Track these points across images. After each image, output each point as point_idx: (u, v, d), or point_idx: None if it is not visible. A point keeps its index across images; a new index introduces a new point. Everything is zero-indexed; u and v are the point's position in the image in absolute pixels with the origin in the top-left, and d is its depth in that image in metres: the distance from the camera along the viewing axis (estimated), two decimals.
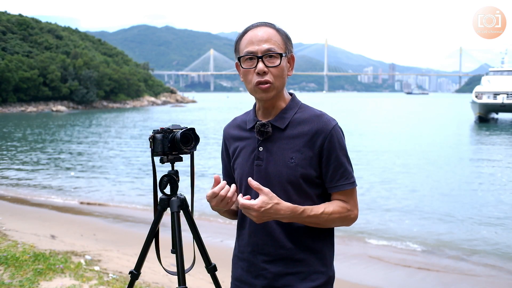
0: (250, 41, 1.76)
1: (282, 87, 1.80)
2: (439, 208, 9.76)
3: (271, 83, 1.74)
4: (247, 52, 1.75)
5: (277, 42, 1.75)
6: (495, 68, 40.85)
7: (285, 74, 1.78)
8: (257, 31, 1.77)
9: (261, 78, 1.74)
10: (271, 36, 1.75)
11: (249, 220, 1.82)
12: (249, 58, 1.75)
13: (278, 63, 1.74)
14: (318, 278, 1.77)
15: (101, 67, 71.27)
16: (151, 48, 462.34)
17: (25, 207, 9.66)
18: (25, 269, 4.65)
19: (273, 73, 1.74)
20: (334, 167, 1.75)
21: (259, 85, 1.75)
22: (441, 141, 23.37)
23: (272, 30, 1.77)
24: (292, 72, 1.84)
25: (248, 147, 1.84)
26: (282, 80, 1.77)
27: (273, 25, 1.80)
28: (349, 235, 7.58)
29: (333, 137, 1.74)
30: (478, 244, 7.49)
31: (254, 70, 1.75)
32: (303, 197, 1.75)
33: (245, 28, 1.82)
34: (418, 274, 6.15)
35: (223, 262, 2.72)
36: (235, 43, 1.83)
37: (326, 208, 1.73)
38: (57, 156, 18.21)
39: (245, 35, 1.79)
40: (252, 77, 1.76)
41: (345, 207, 1.76)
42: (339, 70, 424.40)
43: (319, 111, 1.82)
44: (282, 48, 1.76)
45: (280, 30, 1.79)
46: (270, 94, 1.76)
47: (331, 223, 1.77)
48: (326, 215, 1.72)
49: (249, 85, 1.78)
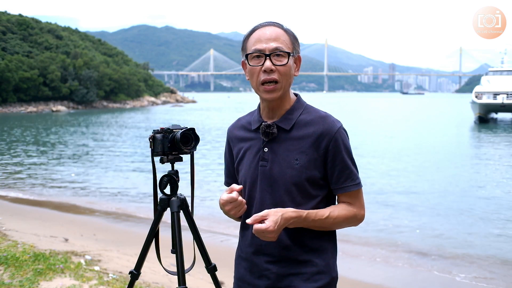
0: (258, 39, 1.76)
1: (288, 87, 1.80)
2: (439, 208, 9.75)
3: (277, 81, 1.74)
4: (255, 49, 1.75)
5: (285, 41, 1.76)
6: (494, 68, 40.80)
7: (291, 73, 1.79)
8: (265, 30, 1.77)
9: (268, 76, 1.74)
10: (279, 35, 1.76)
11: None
12: (257, 56, 1.75)
13: (286, 61, 1.75)
14: (322, 279, 1.78)
15: (101, 67, 71.24)
16: (151, 48, 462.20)
17: (25, 207, 9.65)
18: (25, 269, 4.65)
19: (280, 72, 1.74)
20: (340, 168, 1.76)
21: (264, 86, 1.75)
22: (441, 141, 23.36)
23: (280, 30, 1.78)
24: (298, 73, 1.85)
25: (252, 148, 1.84)
26: (289, 79, 1.78)
27: (281, 25, 1.81)
28: (350, 234, 7.57)
29: (339, 139, 1.75)
30: (478, 244, 7.48)
31: (261, 68, 1.75)
32: (307, 198, 1.76)
33: (253, 26, 1.82)
34: (419, 274, 6.15)
35: (223, 262, 2.72)
36: (243, 41, 1.83)
37: (332, 212, 1.74)
38: (57, 156, 18.21)
39: (253, 33, 1.79)
40: (259, 76, 1.76)
41: (351, 210, 1.78)
42: (339, 70, 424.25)
43: (324, 113, 1.82)
44: (290, 47, 1.77)
45: (288, 30, 1.80)
46: (276, 95, 1.76)
47: (338, 226, 1.79)
48: (331, 219, 1.74)
49: (255, 83, 1.78)
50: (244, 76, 1.85)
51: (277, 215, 1.66)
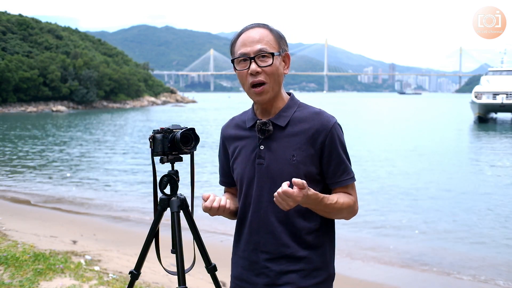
0: (243, 43, 1.78)
1: (278, 87, 1.81)
2: (438, 208, 9.75)
3: (265, 82, 1.75)
4: (240, 53, 1.77)
5: (269, 42, 1.77)
6: (494, 68, 40.80)
7: (280, 73, 1.79)
8: (249, 32, 1.79)
9: (255, 78, 1.75)
10: (263, 36, 1.77)
11: (250, 219, 1.84)
12: (243, 59, 1.77)
13: (271, 62, 1.75)
14: (320, 275, 1.80)
15: (101, 67, 71.22)
16: (151, 48, 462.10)
17: (25, 207, 9.65)
18: (25, 269, 4.65)
19: (267, 72, 1.75)
20: (336, 163, 1.78)
21: (253, 88, 1.77)
22: (440, 141, 23.36)
23: (265, 30, 1.79)
24: (288, 71, 1.85)
25: (248, 146, 1.85)
26: (277, 79, 1.78)
27: (266, 25, 1.81)
28: (348, 234, 7.57)
29: (334, 134, 1.77)
30: (479, 244, 7.48)
31: (247, 72, 1.76)
32: None
33: (239, 30, 1.83)
34: (419, 275, 6.15)
35: (223, 262, 2.72)
36: (230, 46, 1.85)
37: (339, 199, 1.77)
38: (57, 156, 18.20)
39: (239, 37, 1.81)
40: (247, 79, 1.77)
41: (351, 198, 1.81)
42: (339, 70, 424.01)
43: (318, 109, 1.84)
44: (275, 47, 1.78)
45: (273, 30, 1.81)
46: (265, 97, 1.78)
47: (339, 214, 1.80)
48: (339, 205, 1.76)
49: (245, 86, 1.80)
50: None
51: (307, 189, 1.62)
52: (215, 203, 1.77)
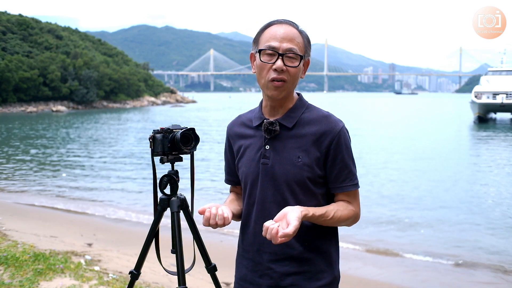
0: (273, 36, 1.74)
1: (293, 89, 1.80)
2: (441, 208, 9.76)
3: (286, 81, 1.74)
4: (269, 46, 1.73)
5: (299, 43, 1.75)
6: (494, 68, 40.81)
7: (299, 76, 1.79)
8: (281, 27, 1.75)
9: (278, 75, 1.72)
10: (294, 37, 1.74)
11: (254, 220, 1.82)
12: (271, 53, 1.74)
13: (297, 64, 1.74)
14: (324, 278, 1.78)
15: (101, 67, 71.23)
16: (151, 48, 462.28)
17: (25, 207, 9.66)
18: (25, 269, 4.65)
19: (290, 73, 1.74)
20: (340, 168, 1.76)
21: (273, 83, 1.73)
22: (440, 141, 23.36)
23: (296, 31, 1.76)
24: (304, 76, 1.84)
25: (254, 145, 1.83)
26: (295, 81, 1.78)
27: (297, 25, 1.78)
28: (352, 234, 7.57)
29: (341, 138, 1.76)
30: (479, 244, 7.48)
31: (271, 66, 1.73)
32: (309, 196, 1.76)
33: (269, 21, 1.80)
34: (420, 275, 6.15)
35: (223, 262, 2.72)
36: (257, 34, 1.81)
37: (336, 212, 1.73)
38: (57, 156, 18.20)
39: (269, 28, 1.77)
40: (268, 73, 1.74)
41: (351, 210, 1.78)
42: (339, 70, 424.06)
43: (326, 112, 1.82)
44: (303, 50, 1.76)
45: (303, 32, 1.79)
46: (281, 94, 1.76)
47: (338, 225, 1.79)
48: (335, 220, 1.73)
49: (263, 79, 1.76)
50: (244, 76, 1.87)
51: (294, 213, 1.59)
52: (211, 220, 1.71)
